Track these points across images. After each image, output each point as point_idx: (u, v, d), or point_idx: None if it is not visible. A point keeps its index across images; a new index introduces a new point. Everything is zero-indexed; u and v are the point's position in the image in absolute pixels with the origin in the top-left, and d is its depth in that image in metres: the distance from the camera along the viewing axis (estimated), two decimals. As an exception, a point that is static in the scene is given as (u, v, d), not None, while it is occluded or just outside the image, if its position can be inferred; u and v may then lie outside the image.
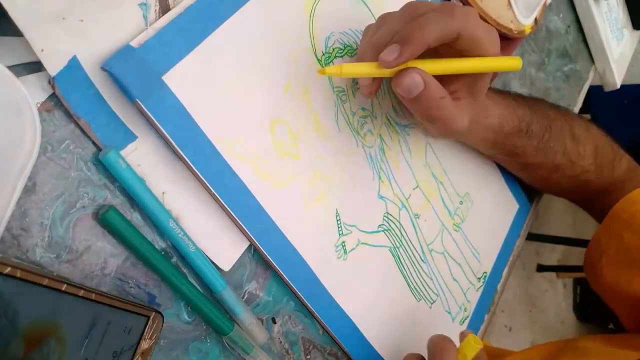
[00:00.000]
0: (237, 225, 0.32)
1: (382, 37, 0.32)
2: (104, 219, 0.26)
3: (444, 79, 0.34)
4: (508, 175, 0.56)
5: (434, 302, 0.46)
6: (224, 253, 0.32)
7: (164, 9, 0.29)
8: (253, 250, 0.33)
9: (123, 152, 0.27)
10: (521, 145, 0.46)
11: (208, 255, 0.31)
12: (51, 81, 0.25)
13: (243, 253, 0.33)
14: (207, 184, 0.30)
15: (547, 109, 0.49)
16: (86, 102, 0.26)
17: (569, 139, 0.49)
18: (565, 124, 0.49)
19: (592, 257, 0.54)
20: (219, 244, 0.31)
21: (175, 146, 0.28)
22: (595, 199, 0.54)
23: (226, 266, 0.31)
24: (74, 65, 0.25)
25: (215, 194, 0.30)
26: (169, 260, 0.29)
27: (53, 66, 0.25)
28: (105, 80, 0.27)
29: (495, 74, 0.36)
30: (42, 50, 0.24)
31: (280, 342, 0.35)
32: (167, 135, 0.28)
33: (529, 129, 0.45)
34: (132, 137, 0.28)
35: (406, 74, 0.31)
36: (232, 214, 0.31)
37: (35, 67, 0.25)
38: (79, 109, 0.26)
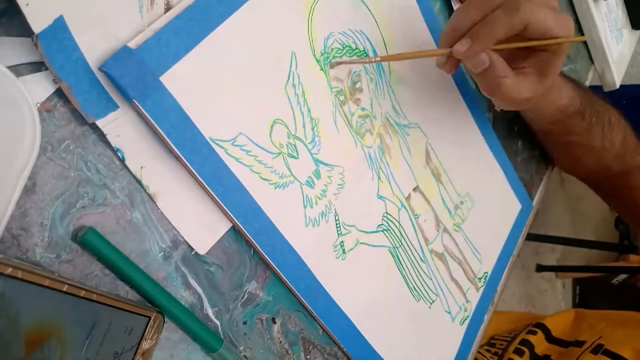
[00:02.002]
0: (235, 226, 0.32)
1: (459, 27, 0.37)
2: (84, 242, 0.26)
3: (514, 54, 0.39)
4: (511, 174, 0.57)
5: (433, 302, 0.46)
6: (201, 236, 0.31)
7: None
8: (252, 250, 0.33)
9: (103, 121, 0.27)
10: (576, 124, 0.50)
11: (184, 237, 0.30)
12: (34, 39, 0.24)
13: (243, 253, 0.33)
14: (205, 185, 0.30)
15: (593, 94, 0.54)
16: (69, 65, 0.25)
17: (607, 126, 0.54)
18: (605, 111, 0.54)
19: None
20: (196, 226, 0.31)
21: (173, 147, 0.28)
22: (612, 181, 0.60)
23: (202, 250, 0.31)
24: (59, 25, 0.25)
25: (214, 194, 0.30)
26: (153, 280, 0.29)
27: (37, 23, 0.24)
28: (91, 44, 0.26)
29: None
30: (27, 5, 0.23)
31: (280, 342, 0.35)
32: (165, 136, 0.28)
33: (584, 110, 0.50)
34: (113, 106, 0.27)
35: (480, 48, 0.36)
36: (230, 214, 0.31)
37: (36, 67, 0.25)
38: (61, 71, 0.25)
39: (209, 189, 0.30)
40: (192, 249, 0.31)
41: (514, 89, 0.38)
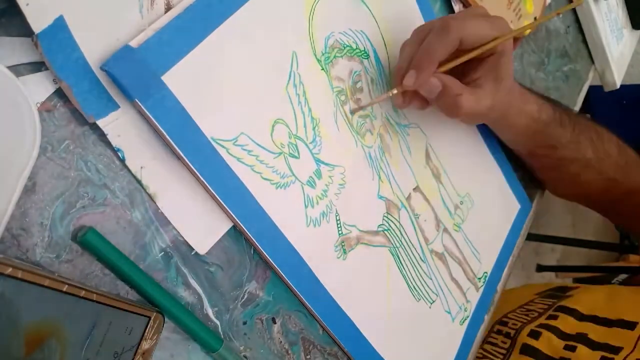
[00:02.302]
0: (237, 226, 0.32)
1: (403, 64, 0.39)
2: (84, 242, 0.26)
3: (466, 69, 0.40)
4: (510, 174, 0.56)
5: (433, 302, 0.46)
6: (201, 236, 0.31)
7: None
8: (253, 250, 0.33)
9: (103, 121, 0.27)
10: (557, 135, 0.48)
11: (184, 237, 0.30)
12: (34, 39, 0.24)
13: (243, 253, 0.33)
14: (207, 184, 0.30)
15: (568, 108, 0.52)
16: (69, 65, 0.25)
17: (594, 135, 0.51)
18: (587, 122, 0.51)
19: None
20: (196, 226, 0.31)
21: (175, 146, 0.28)
22: (622, 200, 0.54)
23: (202, 250, 0.31)
24: (59, 24, 0.25)
25: (215, 194, 0.30)
26: (153, 280, 0.29)
27: (37, 23, 0.24)
28: (91, 44, 0.26)
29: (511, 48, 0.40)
30: (27, 5, 0.23)
31: (280, 342, 0.35)
32: (167, 135, 0.28)
33: (561, 119, 0.48)
34: (114, 106, 0.27)
35: (426, 76, 0.37)
36: (232, 214, 0.31)
37: (36, 67, 0.25)
38: (61, 71, 0.25)
39: (210, 189, 0.30)
40: (192, 249, 0.31)
41: (472, 102, 0.39)
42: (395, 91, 0.39)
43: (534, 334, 0.53)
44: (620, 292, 0.55)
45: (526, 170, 0.61)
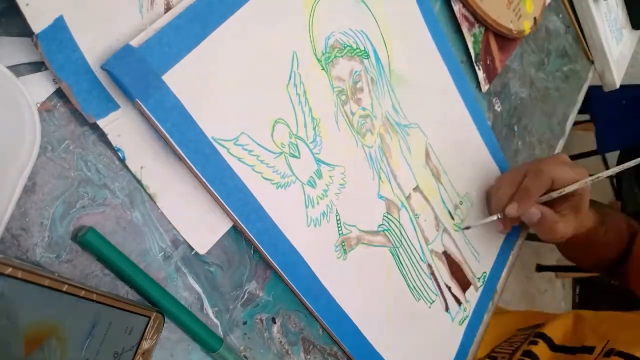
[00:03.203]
0: (237, 225, 0.32)
1: (504, 197, 0.49)
2: (84, 242, 0.26)
3: (556, 203, 0.49)
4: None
5: (433, 302, 0.46)
6: (201, 236, 0.31)
7: None
8: (253, 249, 0.33)
9: (104, 121, 0.27)
10: (595, 234, 0.57)
11: (184, 237, 0.30)
12: (34, 39, 0.24)
13: (243, 253, 0.33)
14: (207, 184, 0.30)
15: (608, 209, 0.62)
16: (69, 65, 0.25)
17: (614, 230, 0.61)
18: (612, 218, 0.61)
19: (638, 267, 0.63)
20: (196, 226, 0.31)
21: (176, 146, 0.28)
22: (614, 266, 0.65)
23: (202, 250, 0.31)
24: (59, 25, 0.25)
25: (216, 194, 0.30)
26: (153, 280, 0.29)
27: (37, 23, 0.24)
28: (91, 44, 0.26)
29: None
30: (27, 5, 0.23)
31: (280, 342, 0.35)
32: (167, 135, 0.28)
33: (603, 222, 0.57)
34: (114, 106, 0.27)
35: (528, 207, 0.47)
36: (233, 214, 0.31)
37: (36, 67, 0.25)
38: (61, 71, 0.25)
39: (211, 188, 0.30)
40: (192, 249, 0.31)
41: (564, 229, 0.49)
42: (499, 227, 0.51)
43: None
44: (584, 318, 0.64)
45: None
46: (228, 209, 0.31)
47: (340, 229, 0.37)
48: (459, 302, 0.49)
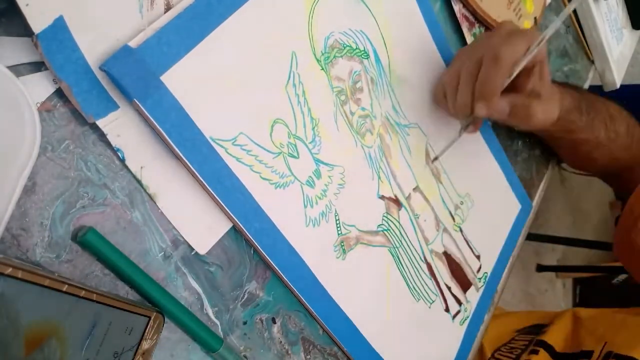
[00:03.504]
0: (236, 226, 0.32)
1: (466, 98, 0.42)
2: (84, 242, 0.26)
3: (518, 84, 0.42)
4: (510, 174, 0.56)
5: (433, 302, 0.46)
6: (201, 236, 0.31)
7: None
8: (253, 250, 0.33)
9: (103, 121, 0.27)
10: (575, 120, 0.52)
11: (184, 237, 0.30)
12: (34, 39, 0.24)
13: (243, 253, 0.33)
14: (205, 184, 0.30)
15: (587, 92, 0.55)
16: (69, 65, 0.25)
17: (608, 118, 0.55)
18: (602, 104, 0.55)
19: (625, 226, 0.58)
20: (196, 226, 0.31)
21: (174, 146, 0.28)
22: (622, 174, 0.61)
23: (202, 250, 0.31)
24: (59, 25, 0.25)
25: (214, 194, 0.30)
26: (153, 280, 0.29)
27: (37, 23, 0.24)
28: (90, 44, 0.26)
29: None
30: (27, 5, 0.24)
31: (280, 342, 0.35)
32: (165, 136, 0.28)
33: (580, 105, 0.51)
34: (114, 106, 0.27)
35: (495, 104, 0.41)
36: (231, 214, 0.31)
37: (36, 67, 0.25)
38: (61, 71, 0.25)
39: (209, 188, 0.30)
40: (192, 249, 0.31)
41: (543, 111, 0.43)
42: (470, 129, 0.44)
43: None
44: (581, 321, 0.63)
45: (526, 170, 0.61)
46: (226, 208, 0.31)
47: (339, 229, 0.37)
48: (459, 302, 0.49)
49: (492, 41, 0.41)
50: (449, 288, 0.48)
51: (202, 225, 0.31)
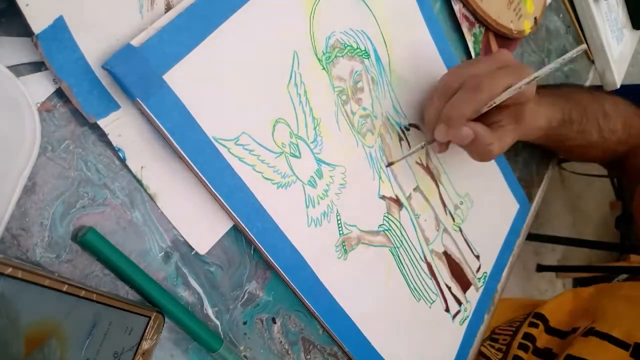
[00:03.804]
0: (238, 225, 0.32)
1: (432, 118, 0.41)
2: (84, 242, 0.26)
3: (490, 113, 0.40)
4: (509, 174, 0.56)
5: (433, 302, 0.46)
6: (201, 236, 0.31)
7: None
8: (253, 249, 0.33)
9: (104, 121, 0.27)
10: (565, 132, 0.51)
11: (184, 237, 0.30)
12: (34, 39, 0.24)
13: (243, 253, 0.33)
14: (208, 184, 0.30)
15: (581, 94, 0.55)
16: (70, 66, 0.25)
17: (602, 118, 0.55)
18: (597, 105, 0.55)
19: None
20: (196, 226, 0.31)
21: (176, 146, 0.28)
22: (622, 160, 0.61)
23: (202, 250, 0.31)
24: (59, 25, 0.25)
25: (217, 194, 0.30)
26: (153, 280, 0.29)
27: (37, 23, 0.24)
28: (91, 44, 0.26)
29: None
30: (27, 5, 0.24)
31: (280, 342, 0.35)
32: (168, 135, 0.28)
33: (570, 117, 0.51)
34: (115, 106, 0.27)
35: (456, 131, 0.39)
36: (233, 214, 0.31)
37: (36, 67, 0.25)
38: (61, 71, 0.25)
39: (212, 188, 0.30)
40: (192, 249, 0.31)
41: (500, 147, 0.41)
42: (436, 148, 0.42)
43: (523, 347, 0.61)
44: (581, 298, 0.64)
45: (526, 170, 0.61)
46: (229, 208, 0.31)
47: (340, 228, 0.37)
48: (459, 302, 0.49)
49: (479, 68, 0.40)
50: (449, 288, 0.48)
51: (202, 225, 0.31)
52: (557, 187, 2.19)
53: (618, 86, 0.79)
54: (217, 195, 0.30)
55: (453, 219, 0.49)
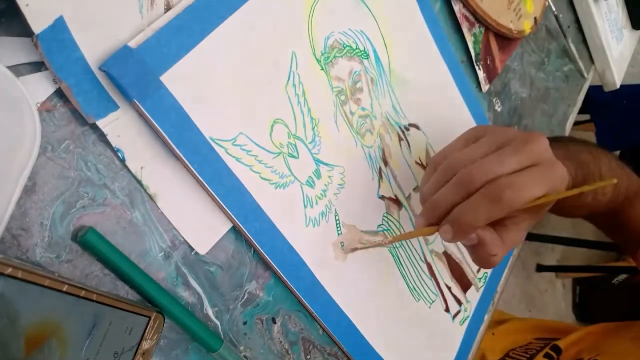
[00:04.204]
0: (235, 226, 0.32)
1: (439, 208, 0.34)
2: (84, 242, 0.26)
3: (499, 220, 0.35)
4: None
5: (433, 302, 0.46)
6: (201, 236, 0.31)
7: None
8: (253, 250, 0.33)
9: (103, 121, 0.27)
10: (562, 199, 0.46)
11: (184, 237, 0.30)
12: (34, 39, 0.24)
13: (243, 253, 0.33)
14: (205, 184, 0.30)
15: (584, 155, 0.50)
16: (70, 66, 0.25)
17: (598, 180, 0.51)
18: (595, 166, 0.51)
19: None
20: (196, 226, 0.31)
21: (174, 146, 0.28)
22: (606, 215, 0.59)
23: (202, 250, 0.31)
24: (59, 25, 0.25)
25: (214, 194, 0.30)
26: (153, 280, 0.29)
27: (37, 23, 0.24)
28: (91, 45, 0.26)
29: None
30: (27, 5, 0.24)
31: (280, 342, 0.35)
32: (165, 136, 0.28)
33: (575, 183, 0.45)
34: (114, 106, 0.27)
35: (465, 236, 0.33)
36: (231, 214, 0.31)
37: (36, 67, 0.25)
38: (61, 71, 0.25)
39: (209, 188, 0.30)
40: (192, 249, 0.31)
41: (504, 253, 0.36)
42: (429, 229, 0.35)
43: None
44: (594, 334, 0.64)
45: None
46: (226, 209, 0.31)
47: (339, 229, 0.37)
48: (459, 303, 0.49)
49: (509, 164, 0.33)
50: (449, 288, 0.48)
51: (202, 226, 0.31)
52: (557, 187, 2.19)
53: (618, 86, 0.79)
54: (215, 196, 0.30)
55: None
